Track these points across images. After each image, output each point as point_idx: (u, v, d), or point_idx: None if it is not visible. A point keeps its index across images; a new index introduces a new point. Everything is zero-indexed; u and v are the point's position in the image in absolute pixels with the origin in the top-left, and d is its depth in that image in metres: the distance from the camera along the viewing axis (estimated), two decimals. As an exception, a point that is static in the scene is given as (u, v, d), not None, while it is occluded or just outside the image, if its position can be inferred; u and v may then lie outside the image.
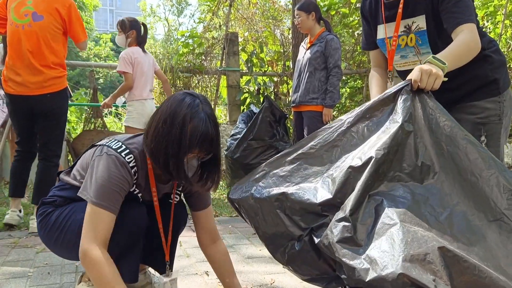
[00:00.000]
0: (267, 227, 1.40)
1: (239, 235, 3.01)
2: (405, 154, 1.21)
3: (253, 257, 2.55)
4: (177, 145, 1.44)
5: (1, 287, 2.03)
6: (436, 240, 1.04)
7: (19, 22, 2.85)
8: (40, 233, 1.73)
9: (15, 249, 2.59)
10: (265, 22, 6.89)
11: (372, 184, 1.19)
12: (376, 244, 1.08)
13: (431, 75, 1.33)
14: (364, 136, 1.32)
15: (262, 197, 1.40)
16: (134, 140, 1.62)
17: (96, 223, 1.50)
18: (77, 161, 1.74)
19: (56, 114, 2.96)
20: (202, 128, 1.44)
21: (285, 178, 1.40)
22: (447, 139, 1.22)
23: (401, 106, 1.27)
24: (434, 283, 0.96)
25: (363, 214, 1.16)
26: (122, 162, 1.53)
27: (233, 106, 5.89)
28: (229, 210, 3.75)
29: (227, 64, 5.90)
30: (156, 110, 1.55)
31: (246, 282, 2.14)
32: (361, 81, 6.54)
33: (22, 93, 2.84)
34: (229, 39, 5.91)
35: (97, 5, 19.22)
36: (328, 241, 1.17)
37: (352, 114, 1.37)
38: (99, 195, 1.50)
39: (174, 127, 1.44)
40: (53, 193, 1.75)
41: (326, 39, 3.64)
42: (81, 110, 6.30)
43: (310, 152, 1.40)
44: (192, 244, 2.78)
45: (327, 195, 1.25)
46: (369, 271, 1.04)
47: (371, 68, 2.00)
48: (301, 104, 3.74)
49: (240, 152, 4.21)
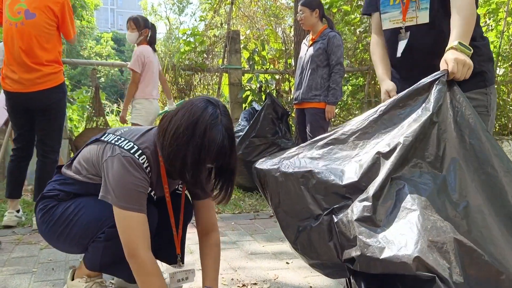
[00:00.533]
0: (288, 201, 1.42)
1: (242, 232, 3.02)
2: (429, 143, 1.22)
3: (256, 253, 2.56)
4: (197, 155, 1.43)
5: (6, 282, 2.04)
6: (454, 232, 1.04)
7: (13, 20, 2.86)
8: (41, 228, 1.71)
9: (19, 246, 2.60)
10: (267, 20, 6.89)
11: (396, 169, 1.21)
12: (395, 226, 1.09)
13: (465, 66, 1.37)
14: (395, 124, 1.34)
15: (288, 171, 1.42)
16: (144, 139, 1.60)
17: (137, 228, 1.50)
18: (78, 154, 1.72)
19: (53, 109, 2.95)
20: (219, 142, 1.43)
21: (314, 159, 1.42)
22: (471, 132, 1.23)
23: (434, 96, 1.29)
24: (449, 271, 0.97)
25: (384, 197, 1.18)
26: (138, 164, 1.52)
27: (235, 104, 5.89)
28: (231, 208, 3.76)
29: (228, 62, 5.89)
30: (174, 113, 1.51)
31: (250, 277, 2.15)
32: (363, 78, 6.53)
33: (18, 90, 2.86)
34: (230, 37, 5.90)
35: (98, 3, 19.21)
36: (347, 219, 1.19)
37: (385, 103, 1.39)
38: (125, 199, 1.49)
39: (195, 137, 1.42)
40: (53, 187, 1.72)
41: (328, 36, 3.64)
42: (83, 109, 6.31)
43: (341, 138, 1.43)
44: (195, 240, 2.76)
45: (353, 178, 1.27)
46: (384, 249, 1.05)
47: (372, 35, 1.96)
48: (304, 101, 3.73)
49: (242, 150, 4.22)
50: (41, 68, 2.85)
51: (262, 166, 1.52)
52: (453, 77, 1.35)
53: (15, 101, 2.92)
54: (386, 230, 1.10)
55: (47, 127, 2.97)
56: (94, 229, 1.61)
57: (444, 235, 1.03)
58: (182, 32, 6.27)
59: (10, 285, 2.01)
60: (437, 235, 1.03)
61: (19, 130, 3.02)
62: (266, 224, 3.26)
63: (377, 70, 1.88)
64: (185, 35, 6.11)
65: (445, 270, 0.98)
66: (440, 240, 1.02)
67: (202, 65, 5.85)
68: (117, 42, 26.48)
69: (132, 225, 1.49)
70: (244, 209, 3.75)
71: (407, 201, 1.13)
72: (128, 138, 1.58)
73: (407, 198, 1.14)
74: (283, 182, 1.43)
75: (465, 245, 1.03)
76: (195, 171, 1.45)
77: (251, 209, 3.74)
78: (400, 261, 1.02)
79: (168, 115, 1.53)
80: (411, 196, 1.13)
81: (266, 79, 6.14)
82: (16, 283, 2.03)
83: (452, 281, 0.97)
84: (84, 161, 1.66)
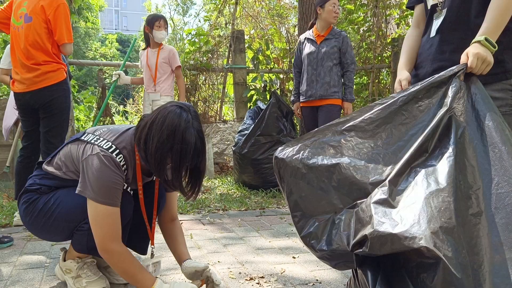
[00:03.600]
0: (308, 194, 1.42)
1: (248, 228, 3.06)
2: (449, 133, 1.25)
3: (263, 248, 2.60)
4: (178, 159, 1.60)
5: (20, 276, 2.09)
6: (466, 214, 1.07)
7: (16, 24, 2.98)
8: (25, 219, 1.85)
9: (30, 242, 2.66)
10: (271, 20, 6.92)
11: (416, 158, 1.23)
12: (410, 207, 1.12)
13: (484, 62, 1.38)
14: (415, 116, 1.35)
15: (311, 162, 1.42)
16: (122, 139, 1.74)
17: (110, 221, 1.65)
18: (59, 151, 1.85)
19: (53, 106, 3.00)
20: (193, 144, 1.60)
21: (335, 148, 1.41)
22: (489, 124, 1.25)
23: (452, 90, 1.31)
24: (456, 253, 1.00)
25: (402, 183, 1.20)
26: (116, 163, 1.66)
27: (240, 103, 5.94)
28: (237, 205, 3.80)
29: (233, 62, 5.94)
30: (150, 119, 1.65)
31: (257, 271, 2.19)
32: (367, 77, 6.56)
33: (21, 90, 2.98)
34: (235, 36, 5.95)
35: (103, 5, 19.32)
36: (365, 204, 1.21)
37: (405, 93, 1.39)
38: (103, 194, 1.63)
39: (175, 144, 1.59)
40: (34, 181, 1.86)
41: (342, 35, 3.76)
42: (89, 109, 6.39)
43: (361, 126, 1.42)
44: (202, 236, 2.84)
45: (380, 177, 1.28)
46: (398, 225, 1.08)
47: (409, 29, 1.93)
48: (322, 98, 3.76)
49: (248, 148, 4.26)
50: (39, 67, 2.94)
51: (282, 155, 1.51)
52: (471, 71, 1.37)
53: (21, 101, 3.03)
54: (401, 210, 1.13)
55: (49, 124, 3.04)
56: (75, 219, 1.76)
57: (456, 218, 1.06)
58: (187, 32, 6.32)
59: (24, 278, 2.06)
60: (449, 217, 1.06)
61: (26, 128, 3.13)
62: (272, 220, 3.30)
63: (400, 60, 1.85)
64: (190, 35, 6.17)
65: (452, 252, 1.00)
66: (452, 222, 1.05)
67: (207, 65, 5.90)
68: (122, 44, 26.59)
69: (105, 219, 1.65)
70: (250, 206, 3.79)
71: (423, 184, 1.16)
72: (106, 138, 1.72)
73: (423, 182, 1.16)
74: (305, 174, 1.43)
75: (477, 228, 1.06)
76: (176, 174, 1.63)
77: (257, 206, 3.78)
78: (411, 236, 1.04)
79: (145, 119, 1.67)
80: (428, 180, 1.16)
81: (270, 78, 6.18)
82: (29, 277, 2.08)
83: (458, 263, 1.00)
84: (65, 159, 1.80)
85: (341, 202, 1.35)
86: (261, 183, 4.30)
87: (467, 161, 1.20)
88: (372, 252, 1.13)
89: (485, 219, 1.10)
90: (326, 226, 1.36)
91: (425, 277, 1.06)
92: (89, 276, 1.87)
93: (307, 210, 1.43)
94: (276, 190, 4.24)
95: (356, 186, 1.33)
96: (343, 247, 1.28)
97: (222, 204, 3.82)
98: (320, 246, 1.38)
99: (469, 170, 1.19)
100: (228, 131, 5.90)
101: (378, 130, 1.40)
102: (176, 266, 2.12)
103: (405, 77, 1.75)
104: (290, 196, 1.49)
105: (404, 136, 1.36)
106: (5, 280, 2.04)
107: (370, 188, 1.29)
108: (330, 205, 1.37)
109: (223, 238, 2.80)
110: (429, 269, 1.04)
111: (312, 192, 1.42)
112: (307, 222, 1.43)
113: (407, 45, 1.86)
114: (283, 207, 3.79)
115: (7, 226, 3.02)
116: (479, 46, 1.43)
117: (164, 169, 1.62)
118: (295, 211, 1.47)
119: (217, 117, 6.13)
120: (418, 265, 1.08)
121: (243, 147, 4.31)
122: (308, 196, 1.43)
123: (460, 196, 1.12)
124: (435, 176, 1.17)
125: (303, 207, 1.45)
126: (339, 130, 1.46)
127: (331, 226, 1.35)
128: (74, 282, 1.88)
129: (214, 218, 3.32)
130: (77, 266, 1.88)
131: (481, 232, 1.07)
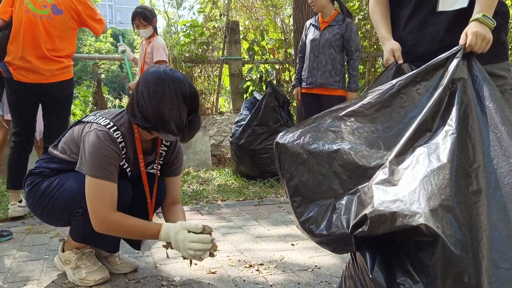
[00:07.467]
0: (308, 178, 1.42)
1: (246, 217, 3.07)
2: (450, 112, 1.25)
3: (262, 236, 2.61)
4: (176, 98, 1.64)
5: (20, 268, 2.10)
6: (466, 192, 1.08)
7: (38, 12, 2.92)
8: (28, 201, 1.88)
9: (29, 235, 2.66)
10: (266, 10, 6.89)
11: (417, 138, 1.24)
12: (410, 185, 1.12)
13: (484, 40, 1.36)
14: (413, 99, 1.35)
15: (312, 148, 1.42)
16: (120, 117, 1.77)
17: (102, 195, 1.65)
18: (65, 134, 1.88)
19: (63, 101, 3.07)
20: (185, 83, 1.67)
21: (336, 133, 1.42)
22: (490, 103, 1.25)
23: (451, 71, 1.30)
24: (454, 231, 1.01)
25: (403, 162, 1.20)
26: (112, 138, 1.68)
27: (236, 94, 5.93)
28: (235, 195, 3.81)
29: (229, 53, 5.92)
30: (136, 87, 1.71)
31: (256, 258, 2.20)
32: (362, 66, 6.54)
33: (35, 80, 2.91)
34: (230, 28, 5.92)
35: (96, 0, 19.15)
36: (367, 187, 1.21)
37: (403, 77, 1.40)
38: (97, 168, 1.64)
39: (167, 86, 1.64)
40: (40, 165, 1.89)
41: (346, 22, 3.68)
42: (85, 103, 6.37)
43: (360, 111, 1.42)
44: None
45: (381, 161, 1.28)
46: (398, 203, 1.08)
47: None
48: (322, 86, 3.73)
49: (245, 138, 4.26)
50: (62, 60, 2.99)
51: (283, 140, 1.51)
52: (471, 49, 1.35)
53: (28, 92, 2.93)
54: (402, 188, 1.13)
55: (56, 120, 3.05)
56: (73, 203, 1.77)
57: (456, 195, 1.06)
58: (181, 24, 6.28)
59: (24, 270, 2.06)
60: (449, 194, 1.06)
61: (22, 123, 3.00)
62: (271, 210, 3.31)
63: (379, 30, 1.72)
64: (185, 27, 6.13)
65: (451, 229, 1.01)
66: (451, 200, 1.05)
67: (203, 57, 5.87)
68: (116, 38, 26.41)
69: (98, 192, 1.65)
70: (248, 196, 3.79)
71: (424, 162, 1.16)
72: (105, 117, 1.76)
73: (425, 160, 1.16)
74: (306, 159, 1.42)
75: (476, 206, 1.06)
76: (178, 116, 1.65)
77: (255, 196, 3.79)
78: (411, 214, 1.04)
79: (132, 92, 1.74)
80: (430, 157, 1.16)
81: (266, 69, 6.16)
82: (29, 269, 2.09)
83: (457, 240, 1.00)
84: (68, 141, 1.83)
85: (342, 188, 1.35)
86: (258, 173, 4.30)
87: (469, 140, 1.20)
88: (371, 232, 1.13)
89: (484, 197, 1.10)
90: (326, 211, 1.36)
91: (424, 256, 1.06)
92: (88, 266, 1.87)
93: (307, 195, 1.43)
94: (274, 180, 4.25)
95: (358, 171, 1.33)
96: (342, 230, 1.29)
97: (220, 194, 3.83)
98: (320, 231, 1.37)
99: (470, 148, 1.19)
100: (225, 122, 5.89)
101: (378, 114, 1.40)
102: (176, 255, 2.13)
103: (397, 47, 1.62)
104: (290, 181, 1.48)
105: (404, 119, 1.36)
106: (5, 273, 2.04)
107: (371, 173, 1.29)
108: (331, 191, 1.37)
109: (221, 228, 2.81)
110: (428, 247, 1.04)
111: (313, 177, 1.42)
112: (307, 207, 1.42)
113: (380, 11, 1.72)
114: (281, 196, 3.79)
115: (5, 221, 3.02)
116: (477, 24, 1.41)
117: (164, 116, 1.64)
118: (295, 196, 1.46)
119: (213, 109, 6.12)
120: (416, 244, 1.08)
121: (240, 138, 4.30)
122: (308, 181, 1.43)
123: (461, 173, 1.12)
124: (437, 154, 1.17)
125: (303, 192, 1.44)
126: (339, 115, 1.47)
127: (332, 211, 1.35)
128: (73, 273, 1.88)
129: (213, 209, 3.32)
130: (76, 257, 1.88)
131: (480, 210, 1.07)
